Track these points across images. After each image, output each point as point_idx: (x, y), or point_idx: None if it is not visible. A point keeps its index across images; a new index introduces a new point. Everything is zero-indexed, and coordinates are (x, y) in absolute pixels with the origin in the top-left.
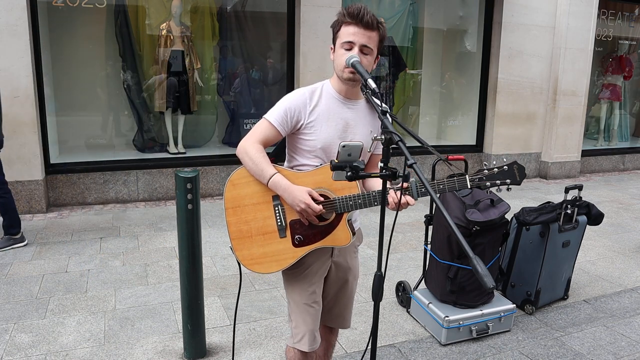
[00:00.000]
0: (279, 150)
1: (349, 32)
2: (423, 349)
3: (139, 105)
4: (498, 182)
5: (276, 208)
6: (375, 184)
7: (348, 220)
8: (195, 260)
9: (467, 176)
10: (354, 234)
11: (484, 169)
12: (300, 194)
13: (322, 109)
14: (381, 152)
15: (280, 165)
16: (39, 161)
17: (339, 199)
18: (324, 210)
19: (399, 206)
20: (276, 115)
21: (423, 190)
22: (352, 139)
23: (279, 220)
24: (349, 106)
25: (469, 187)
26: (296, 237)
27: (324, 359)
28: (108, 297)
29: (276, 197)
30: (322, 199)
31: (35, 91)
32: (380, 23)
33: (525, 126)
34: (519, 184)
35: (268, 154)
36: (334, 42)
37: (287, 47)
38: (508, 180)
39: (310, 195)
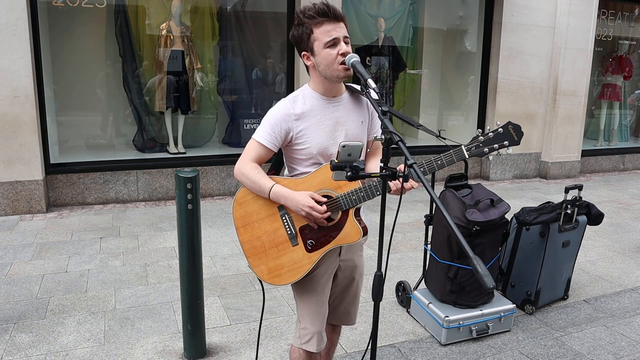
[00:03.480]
0: (276, 164)
1: (326, 31)
2: (423, 349)
3: (139, 105)
4: (496, 145)
5: (283, 218)
6: (376, 166)
7: (355, 216)
8: (195, 260)
9: (463, 146)
10: (363, 228)
11: (479, 136)
12: (302, 198)
13: (309, 115)
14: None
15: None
16: (39, 161)
17: (342, 196)
18: (327, 211)
19: (402, 191)
20: (264, 134)
21: (422, 170)
22: (347, 135)
23: (288, 229)
24: (335, 105)
25: (467, 156)
26: (308, 242)
27: (326, 358)
28: (108, 297)
29: (282, 207)
30: (324, 199)
31: (35, 91)
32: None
33: (525, 126)
34: (518, 144)
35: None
36: (308, 49)
37: (287, 47)
38: (506, 142)
39: (312, 197)
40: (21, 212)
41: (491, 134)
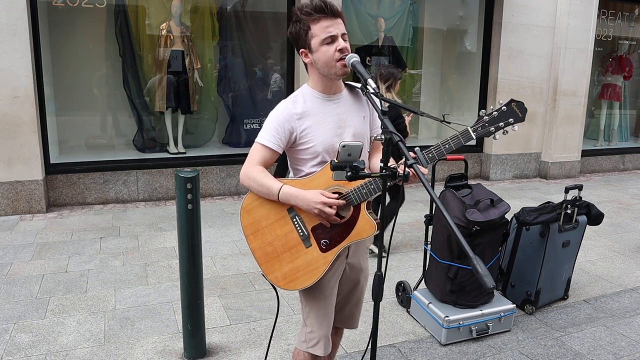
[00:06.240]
0: (280, 168)
1: (324, 27)
2: (423, 349)
3: (139, 105)
4: (502, 124)
5: (294, 220)
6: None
7: (368, 210)
8: (195, 260)
9: (469, 128)
10: (377, 221)
11: (484, 116)
12: (313, 196)
13: (311, 114)
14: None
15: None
16: (39, 161)
17: (352, 191)
18: (341, 202)
19: (404, 178)
20: (268, 136)
21: (430, 156)
22: (353, 132)
23: (300, 231)
24: (335, 102)
25: (474, 137)
26: (322, 242)
27: None
28: (108, 297)
29: (291, 210)
30: (335, 196)
31: (35, 91)
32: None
33: (525, 126)
34: (523, 120)
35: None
36: (306, 46)
37: (287, 47)
38: (511, 120)
39: (322, 194)
40: (21, 212)
41: (495, 112)
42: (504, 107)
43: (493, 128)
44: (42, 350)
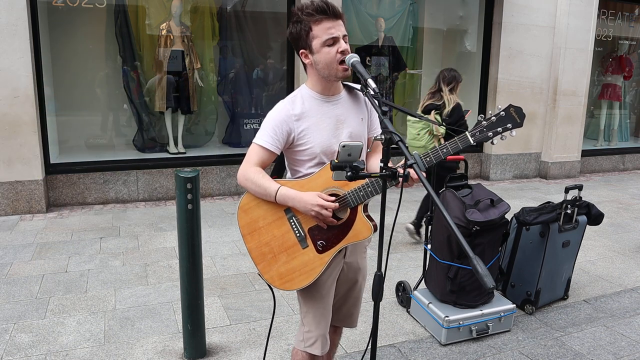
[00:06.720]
0: (278, 168)
1: (326, 28)
2: (423, 349)
3: (139, 105)
4: (500, 129)
5: (291, 220)
6: (378, 164)
7: (364, 212)
8: (195, 260)
9: (467, 132)
10: (374, 224)
11: (482, 121)
12: (310, 198)
13: (309, 115)
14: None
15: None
16: (39, 161)
17: (349, 193)
18: (338, 206)
19: (403, 181)
20: (265, 137)
21: (428, 159)
22: (350, 133)
23: (297, 232)
24: (334, 103)
25: (472, 142)
26: (318, 243)
27: (327, 359)
28: (108, 297)
29: (288, 210)
30: (332, 198)
31: (35, 91)
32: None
33: (525, 126)
34: (521, 125)
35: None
36: (307, 47)
37: (287, 47)
38: (509, 125)
39: (320, 197)
40: (21, 212)
41: (493, 118)
42: (502, 113)
43: (491, 133)
44: (42, 350)
